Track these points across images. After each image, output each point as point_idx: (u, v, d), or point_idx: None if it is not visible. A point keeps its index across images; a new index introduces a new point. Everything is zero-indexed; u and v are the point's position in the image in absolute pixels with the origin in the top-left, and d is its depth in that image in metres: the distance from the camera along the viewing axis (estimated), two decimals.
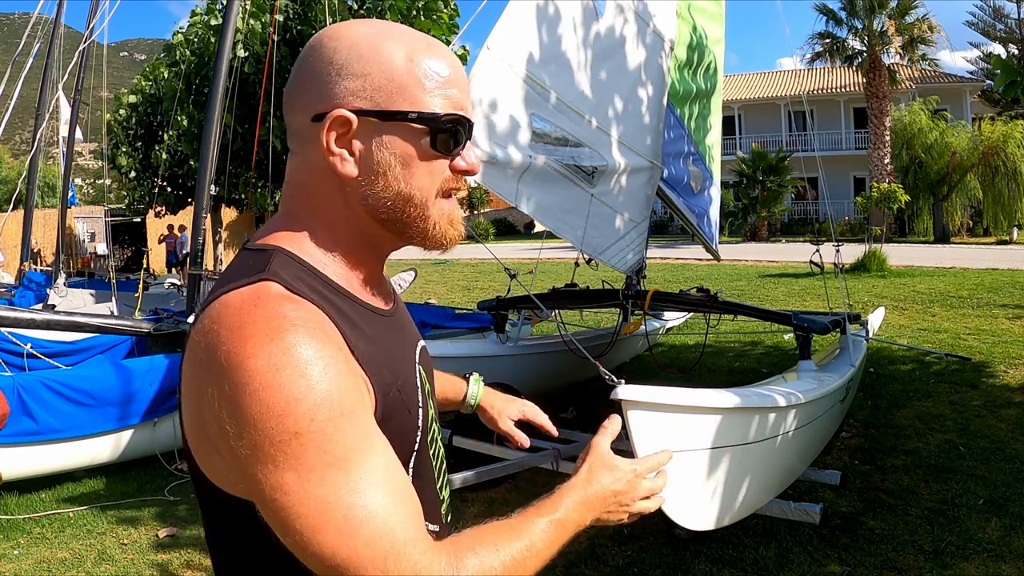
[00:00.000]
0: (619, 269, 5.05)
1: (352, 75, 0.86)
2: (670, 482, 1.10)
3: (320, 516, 0.73)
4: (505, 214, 39.10)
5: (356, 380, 0.80)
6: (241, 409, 0.73)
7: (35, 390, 4.51)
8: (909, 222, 27.17)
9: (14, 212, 14.44)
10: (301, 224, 0.91)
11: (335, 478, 0.74)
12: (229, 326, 0.77)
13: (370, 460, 0.77)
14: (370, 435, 0.79)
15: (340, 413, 0.75)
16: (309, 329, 0.77)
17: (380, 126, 0.87)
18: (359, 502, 0.74)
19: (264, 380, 0.73)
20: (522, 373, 5.29)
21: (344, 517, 0.74)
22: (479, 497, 4.39)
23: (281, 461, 0.73)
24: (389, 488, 0.77)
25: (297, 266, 0.87)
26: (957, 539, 3.56)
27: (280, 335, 0.75)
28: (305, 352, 0.75)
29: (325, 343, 0.78)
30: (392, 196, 0.89)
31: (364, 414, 0.79)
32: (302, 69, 0.89)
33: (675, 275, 15.54)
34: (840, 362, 4.77)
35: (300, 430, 0.73)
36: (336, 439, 0.74)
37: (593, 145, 4.48)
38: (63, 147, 10.97)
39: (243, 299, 0.80)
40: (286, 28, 13.55)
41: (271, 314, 0.77)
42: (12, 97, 7.49)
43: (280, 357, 0.74)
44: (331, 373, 0.76)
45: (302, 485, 0.73)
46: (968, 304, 10.36)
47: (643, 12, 4.79)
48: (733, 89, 34.53)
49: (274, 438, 0.73)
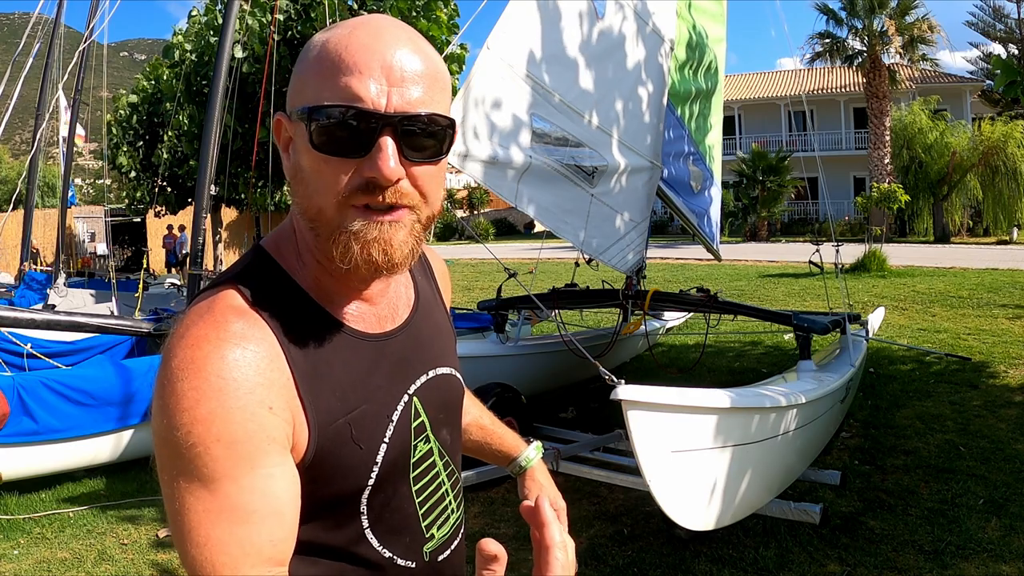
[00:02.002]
0: (619, 269, 5.05)
1: (298, 78, 0.81)
2: (671, 482, 1.11)
3: (174, 518, 0.73)
4: (505, 214, 39.09)
5: (261, 413, 0.75)
6: (155, 397, 0.75)
7: (35, 390, 4.51)
8: (909, 222, 27.16)
9: (14, 212, 14.44)
10: (288, 227, 0.88)
11: (195, 492, 0.72)
12: (180, 326, 0.78)
13: (234, 495, 0.73)
14: (247, 471, 0.73)
15: (217, 439, 0.72)
16: (238, 347, 0.75)
17: (290, 127, 0.81)
18: (203, 526, 0.72)
19: (171, 379, 0.73)
20: (522, 373, 5.29)
21: (188, 532, 0.72)
22: (479, 497, 4.38)
23: (161, 453, 0.74)
24: (237, 529, 0.72)
25: (269, 272, 0.84)
26: (957, 539, 3.56)
27: (203, 345, 0.74)
28: (216, 367, 0.73)
29: (244, 367, 0.75)
30: (303, 205, 0.81)
31: (249, 449, 0.74)
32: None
33: (675, 275, 15.54)
34: (840, 362, 4.77)
35: (178, 437, 0.72)
36: (205, 461, 0.72)
37: (593, 145, 4.48)
38: (63, 147, 10.97)
39: (202, 305, 0.80)
40: (286, 28, 13.55)
41: (212, 323, 0.77)
42: (12, 97, 7.49)
43: (190, 364, 0.73)
44: (228, 398, 0.73)
45: (168, 483, 0.74)
46: (968, 304, 10.36)
47: (642, 11, 4.79)
48: (733, 89, 34.52)
49: (160, 431, 0.74)
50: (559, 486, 1.34)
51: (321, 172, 0.77)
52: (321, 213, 0.78)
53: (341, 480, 0.83)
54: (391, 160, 0.76)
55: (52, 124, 11.95)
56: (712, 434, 2.93)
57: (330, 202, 0.77)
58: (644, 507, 4.02)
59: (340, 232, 0.78)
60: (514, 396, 4.73)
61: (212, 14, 14.46)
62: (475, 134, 3.76)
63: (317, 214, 0.79)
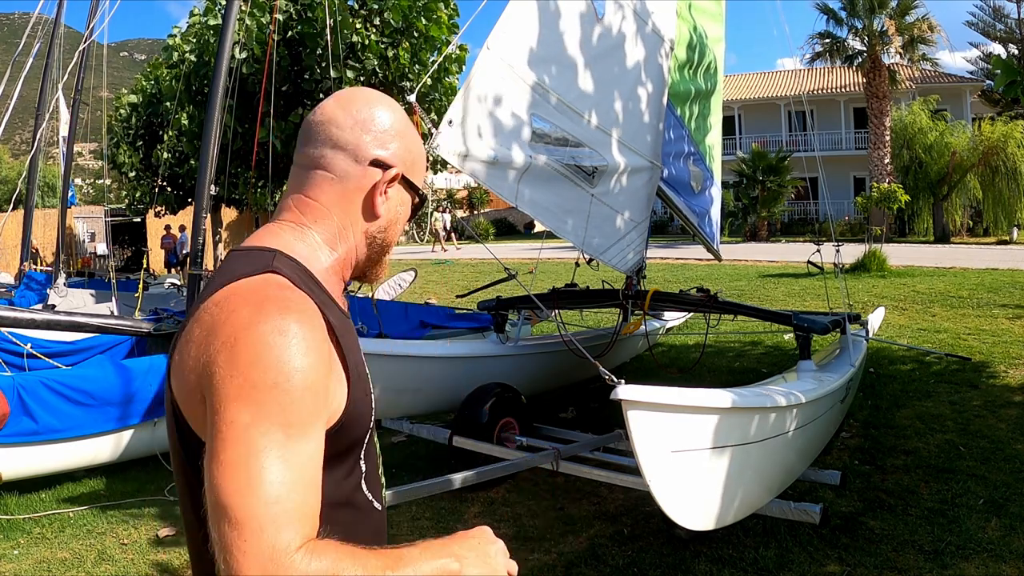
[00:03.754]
0: (619, 269, 5.05)
1: (403, 145, 1.15)
2: (671, 482, 1.11)
3: (246, 459, 0.85)
4: (505, 214, 39.08)
5: (329, 367, 0.96)
6: (239, 355, 0.89)
7: (35, 390, 4.51)
8: (909, 222, 27.15)
9: (14, 212, 14.43)
10: (307, 237, 1.10)
11: (276, 436, 0.87)
12: (246, 300, 0.95)
13: (306, 442, 0.90)
14: (317, 421, 0.93)
15: (308, 387, 0.91)
16: (307, 315, 0.96)
17: (402, 186, 1.17)
18: (277, 467, 0.86)
19: (266, 339, 0.90)
20: (522, 373, 5.29)
21: (259, 470, 0.85)
22: (479, 497, 4.39)
23: (249, 400, 0.88)
24: (303, 474, 0.89)
25: (295, 265, 1.04)
26: (957, 539, 3.56)
27: (286, 312, 0.93)
28: (302, 330, 0.93)
29: (316, 329, 0.96)
30: (386, 237, 1.19)
31: (323, 400, 0.95)
32: (363, 115, 1.12)
33: (675, 275, 15.53)
34: (840, 362, 4.77)
35: (278, 383, 0.88)
36: (297, 406, 0.89)
37: (593, 145, 4.48)
38: (63, 147, 10.97)
39: (256, 283, 0.98)
40: (286, 28, 13.55)
41: (280, 296, 0.96)
42: (12, 97, 7.49)
43: (283, 327, 0.92)
44: (314, 354, 0.93)
45: (249, 427, 0.87)
46: (968, 304, 10.36)
47: (642, 12, 4.78)
48: (733, 89, 34.51)
49: (256, 382, 0.88)
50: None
51: (402, 225, 1.21)
52: (390, 245, 1.20)
53: (359, 425, 1.05)
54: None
55: (52, 124, 11.95)
56: (712, 434, 2.93)
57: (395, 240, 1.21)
58: (644, 507, 4.03)
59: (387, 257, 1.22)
60: (514, 396, 4.72)
61: (212, 14, 14.45)
62: (475, 134, 3.76)
63: (391, 244, 1.20)
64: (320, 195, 1.11)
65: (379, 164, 1.11)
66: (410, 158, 1.16)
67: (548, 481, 4.53)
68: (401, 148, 1.14)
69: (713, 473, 2.98)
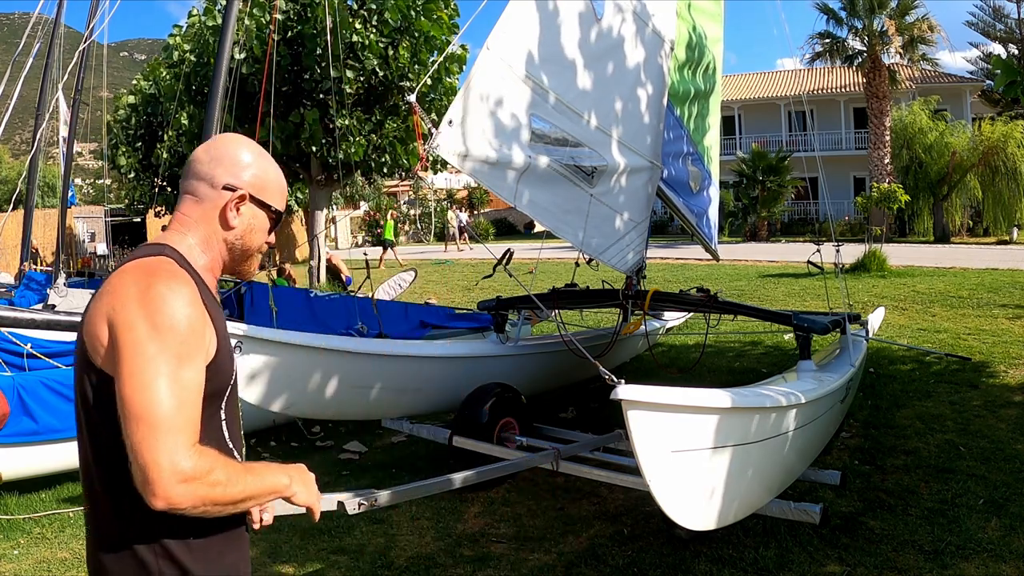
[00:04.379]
0: (619, 269, 5.05)
1: (252, 173, 1.51)
2: (671, 482, 1.11)
3: (154, 378, 1.24)
4: (505, 214, 39.07)
5: (205, 320, 1.35)
6: (143, 306, 1.27)
7: (35, 390, 4.50)
8: (909, 222, 27.14)
9: (14, 212, 14.43)
10: (186, 240, 1.48)
11: (174, 364, 1.26)
12: (146, 270, 1.34)
13: (194, 370, 1.30)
14: (199, 355, 1.32)
15: (193, 330, 1.31)
16: (189, 283, 1.35)
17: (252, 204, 1.52)
18: (176, 386, 1.25)
19: (163, 294, 1.29)
20: (522, 373, 5.29)
21: (164, 387, 1.24)
22: (479, 497, 4.38)
23: (152, 339, 1.26)
24: (193, 392, 1.29)
25: (180, 257, 1.42)
26: (957, 539, 3.56)
27: (174, 278, 1.34)
28: (186, 289, 1.33)
29: (194, 295, 1.34)
30: (246, 242, 1.54)
31: (203, 341, 1.33)
32: (218, 153, 1.50)
33: (675, 275, 15.53)
34: (840, 362, 4.77)
35: (173, 325, 1.27)
36: (187, 342, 1.29)
37: (593, 145, 4.47)
38: (63, 147, 10.96)
39: (153, 260, 1.38)
40: (286, 28, 13.54)
41: (170, 269, 1.36)
42: (12, 97, 7.48)
43: (174, 286, 1.31)
44: (197, 307, 1.33)
45: (155, 356, 1.25)
46: (968, 304, 10.36)
47: (642, 12, 4.78)
48: (733, 89, 34.51)
49: (157, 324, 1.27)
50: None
51: (263, 233, 1.56)
52: (251, 249, 1.56)
53: (223, 375, 1.41)
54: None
55: (52, 124, 11.94)
56: (712, 434, 2.93)
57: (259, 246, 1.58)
58: (644, 507, 4.03)
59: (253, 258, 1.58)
60: (514, 396, 4.72)
61: (210, 15, 14.44)
62: (475, 134, 3.76)
63: (250, 248, 1.55)
64: (191, 212, 1.49)
65: (229, 188, 1.47)
66: (259, 183, 1.51)
67: (548, 481, 4.53)
68: (250, 176, 1.50)
69: (713, 473, 2.97)
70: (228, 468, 1.29)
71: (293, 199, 26.21)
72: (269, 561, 3.68)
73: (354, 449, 5.40)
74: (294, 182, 20.32)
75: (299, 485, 1.45)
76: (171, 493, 1.20)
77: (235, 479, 1.29)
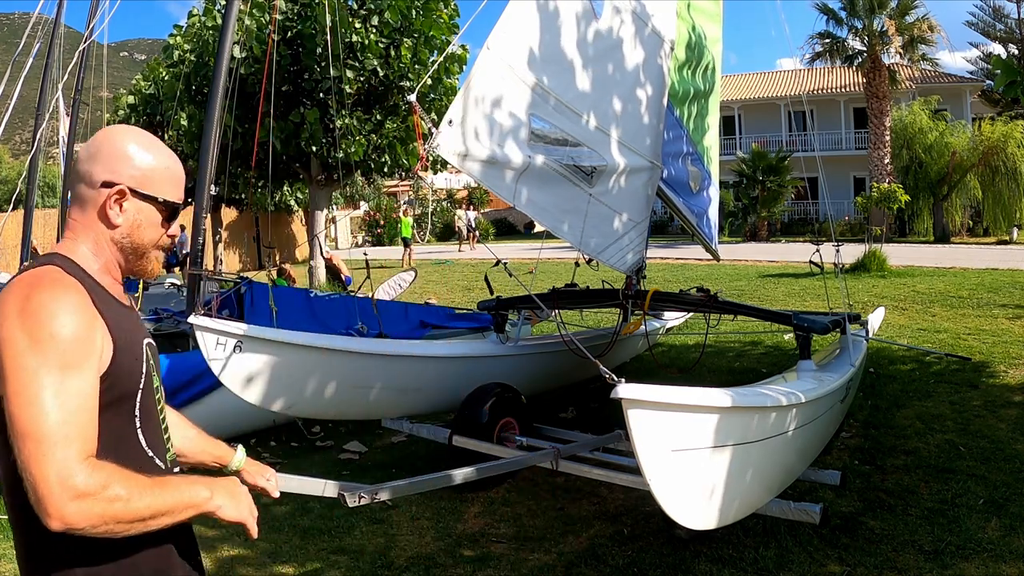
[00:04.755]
0: (618, 269, 5.05)
1: (132, 165, 1.40)
2: (671, 482, 1.11)
3: (37, 393, 1.17)
4: (505, 214, 39.06)
5: (93, 326, 1.26)
6: (23, 319, 1.20)
7: None
8: (909, 222, 27.13)
9: (14, 212, 14.42)
10: (78, 245, 1.39)
11: (57, 375, 1.19)
12: (27, 282, 1.26)
13: (80, 379, 1.21)
14: (86, 363, 1.23)
15: (76, 338, 1.22)
16: (73, 289, 1.27)
17: (135, 198, 1.41)
18: (61, 398, 1.18)
19: (42, 304, 1.22)
20: (522, 373, 5.29)
21: (49, 401, 1.17)
22: (479, 497, 4.39)
23: (33, 351, 1.18)
24: (81, 403, 1.21)
25: (70, 264, 1.34)
26: (957, 539, 3.56)
27: (55, 286, 1.25)
28: (68, 296, 1.25)
29: (81, 298, 1.26)
30: (136, 239, 1.43)
31: (91, 348, 1.25)
32: (96, 149, 1.39)
33: (675, 275, 15.53)
34: (840, 362, 4.77)
35: (53, 335, 1.20)
36: (70, 351, 1.21)
37: (592, 145, 4.47)
38: (63, 147, 10.96)
39: (36, 271, 1.30)
40: (285, 28, 13.54)
41: (52, 277, 1.27)
42: (12, 97, 7.49)
43: (54, 295, 1.24)
44: (79, 314, 1.24)
45: (37, 370, 1.18)
46: (968, 304, 10.36)
47: (641, 12, 4.78)
48: (733, 89, 34.51)
49: (37, 336, 1.19)
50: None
51: (155, 228, 1.45)
52: (142, 246, 1.44)
53: (128, 378, 1.33)
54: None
55: (52, 124, 11.94)
56: (713, 433, 2.93)
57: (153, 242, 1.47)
58: (644, 507, 4.03)
59: (149, 255, 1.47)
60: (514, 396, 4.72)
61: (210, 15, 14.44)
62: (475, 134, 3.76)
63: (142, 244, 1.44)
64: (78, 216, 1.41)
65: (107, 184, 1.38)
66: (140, 175, 1.40)
67: (548, 481, 4.53)
68: (129, 168, 1.39)
69: (713, 472, 2.97)
70: (129, 482, 1.20)
71: (293, 199, 26.23)
72: (269, 561, 3.68)
73: (354, 449, 5.40)
74: (294, 182, 20.33)
75: (224, 498, 1.35)
76: (64, 512, 1.13)
77: (139, 494, 1.20)
